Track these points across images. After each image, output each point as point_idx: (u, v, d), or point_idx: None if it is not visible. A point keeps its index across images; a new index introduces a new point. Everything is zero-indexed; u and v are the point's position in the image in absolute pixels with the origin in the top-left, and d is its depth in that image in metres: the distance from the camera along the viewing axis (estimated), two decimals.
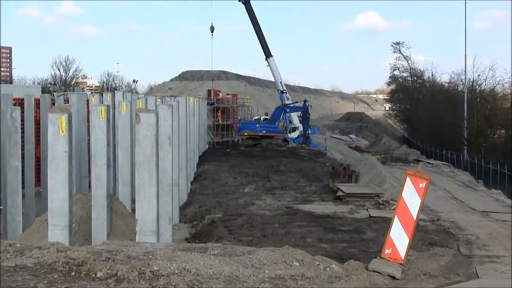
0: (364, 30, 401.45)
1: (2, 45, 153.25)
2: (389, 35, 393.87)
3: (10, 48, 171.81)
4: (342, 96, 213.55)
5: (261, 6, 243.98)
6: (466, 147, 65.84)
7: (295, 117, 63.92)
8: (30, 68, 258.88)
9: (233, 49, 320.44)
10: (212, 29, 69.49)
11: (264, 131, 60.84)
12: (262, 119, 66.69)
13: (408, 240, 10.30)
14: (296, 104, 66.85)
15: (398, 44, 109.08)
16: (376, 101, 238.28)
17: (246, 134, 61.71)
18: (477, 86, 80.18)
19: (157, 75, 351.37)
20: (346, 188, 26.49)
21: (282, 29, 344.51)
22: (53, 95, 28.12)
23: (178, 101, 21.18)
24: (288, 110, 63.26)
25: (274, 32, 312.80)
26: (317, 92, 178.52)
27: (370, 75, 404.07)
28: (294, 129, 62.83)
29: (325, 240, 17.74)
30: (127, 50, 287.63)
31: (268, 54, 62.34)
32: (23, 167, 17.80)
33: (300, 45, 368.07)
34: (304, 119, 63.03)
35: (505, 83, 78.41)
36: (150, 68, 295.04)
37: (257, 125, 61.53)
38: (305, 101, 65.94)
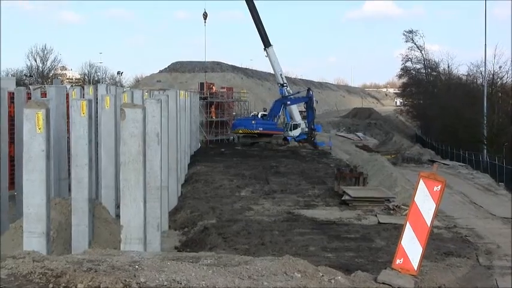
0: (373, 17, 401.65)
1: None
2: (401, 23, 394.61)
3: None
4: (349, 90, 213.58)
5: None
6: (485, 147, 65.80)
7: (296, 112, 63.71)
8: (4, 58, 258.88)
9: (228, 38, 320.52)
10: (205, 16, 69.51)
11: (261, 128, 60.56)
12: (260, 115, 66.49)
13: (421, 250, 10.29)
14: (298, 95, 66.41)
15: (411, 32, 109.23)
16: (386, 95, 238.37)
17: (241, 131, 61.43)
18: (498, 79, 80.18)
19: (144, 66, 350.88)
20: (353, 191, 26.51)
21: (282, 17, 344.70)
22: (29, 88, 28.10)
23: (167, 95, 21.20)
24: (288, 102, 62.64)
25: (274, 20, 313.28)
26: (321, 86, 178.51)
27: (379, 67, 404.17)
28: (296, 126, 62.61)
29: (329, 249, 17.76)
30: (111, 39, 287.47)
31: (267, 43, 62.29)
32: None
33: (302, 34, 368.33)
34: (309, 109, 62.74)
35: None
36: (137, 58, 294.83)
37: (253, 122, 61.12)
38: (309, 89, 65.56)
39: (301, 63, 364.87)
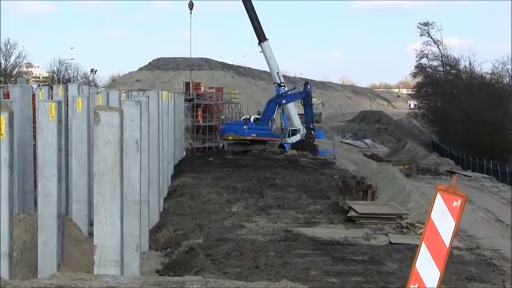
0: (383, 8, 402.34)
1: None
2: (416, 14, 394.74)
3: None
4: (355, 90, 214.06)
5: None
6: None
7: (295, 115, 63.52)
8: None
9: (218, 31, 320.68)
10: (191, 5, 69.46)
11: (254, 134, 59.79)
12: (252, 118, 66.14)
13: (439, 274, 10.31)
14: (294, 91, 65.99)
15: (426, 24, 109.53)
16: (399, 96, 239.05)
17: (230, 137, 60.77)
18: None
19: (121, 63, 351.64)
20: (360, 207, 26.54)
21: (279, 6, 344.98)
22: None
23: (148, 96, 21.21)
24: (283, 100, 62.03)
25: (269, 10, 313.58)
26: (324, 86, 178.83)
27: (390, 64, 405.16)
28: (294, 132, 62.46)
29: (333, 273, 17.77)
30: (83, 32, 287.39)
31: (262, 37, 62.28)
32: None
33: (302, 27, 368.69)
34: (307, 106, 62.78)
35: None
36: (113, 54, 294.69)
37: (244, 127, 60.36)
38: (306, 84, 65.29)
39: (300, 59, 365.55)
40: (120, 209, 12.29)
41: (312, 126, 62.73)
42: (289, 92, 64.13)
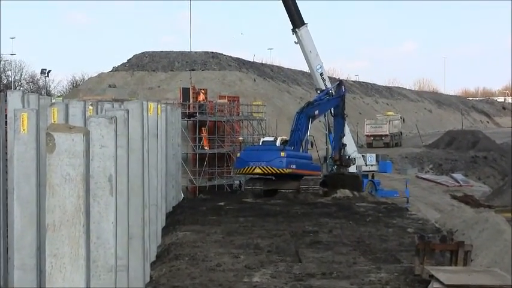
0: None
1: None
2: None
3: None
4: (438, 100, 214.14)
5: None
6: None
7: (348, 136, 62.96)
8: None
9: (230, 14, 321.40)
10: None
11: (294, 166, 58.35)
12: (279, 141, 63.89)
13: None
14: (327, 96, 63.41)
15: None
16: (504, 108, 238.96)
17: (259, 170, 58.44)
18: None
19: (87, 61, 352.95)
20: (448, 275, 26.50)
21: None
22: None
23: (127, 111, 21.31)
24: (316, 111, 60.73)
25: None
26: (391, 93, 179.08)
27: (490, 61, 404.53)
28: (348, 162, 62.00)
29: None
30: (30, 16, 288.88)
31: (298, 21, 62.16)
32: None
33: (356, 10, 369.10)
34: (338, 116, 62.08)
35: None
36: (74, 48, 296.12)
37: (282, 153, 58.63)
38: (340, 83, 63.40)
39: (355, 55, 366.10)
40: (85, 279, 12.33)
41: (342, 145, 61.28)
42: (321, 99, 63.08)
